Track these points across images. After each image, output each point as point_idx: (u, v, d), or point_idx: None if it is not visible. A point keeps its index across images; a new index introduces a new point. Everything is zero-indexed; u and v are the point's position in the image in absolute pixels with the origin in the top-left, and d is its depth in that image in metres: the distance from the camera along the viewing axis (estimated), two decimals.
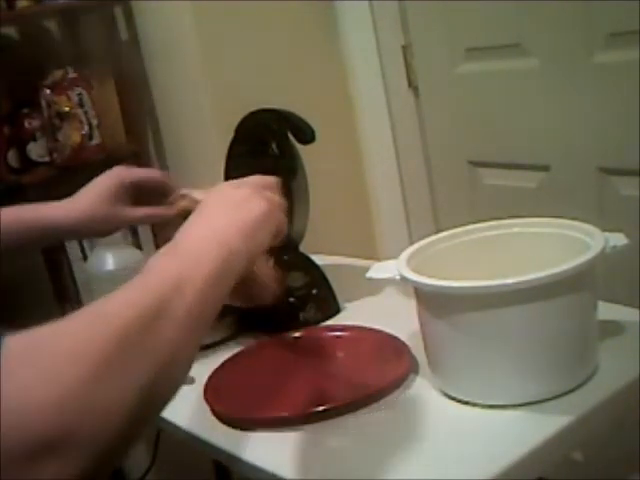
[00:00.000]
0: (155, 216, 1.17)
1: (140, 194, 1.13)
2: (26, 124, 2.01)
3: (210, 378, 1.05)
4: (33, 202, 1.98)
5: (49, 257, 2.02)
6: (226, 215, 0.75)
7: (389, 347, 1.06)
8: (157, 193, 1.13)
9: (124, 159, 2.21)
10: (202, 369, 1.09)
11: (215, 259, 0.66)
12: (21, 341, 0.49)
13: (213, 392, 1.02)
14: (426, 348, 0.99)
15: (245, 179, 0.85)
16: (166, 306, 0.59)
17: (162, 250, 0.67)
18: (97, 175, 1.12)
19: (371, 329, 1.12)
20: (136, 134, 2.19)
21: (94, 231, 1.13)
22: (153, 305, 0.58)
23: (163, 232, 1.12)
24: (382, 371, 1.01)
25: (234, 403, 1.00)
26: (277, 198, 0.82)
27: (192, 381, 1.08)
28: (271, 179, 0.86)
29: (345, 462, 0.87)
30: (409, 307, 0.98)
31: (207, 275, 0.64)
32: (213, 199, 0.80)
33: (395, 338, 1.08)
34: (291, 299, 1.25)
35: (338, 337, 1.14)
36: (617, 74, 1.45)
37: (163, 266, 0.65)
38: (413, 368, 1.02)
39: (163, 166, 2.30)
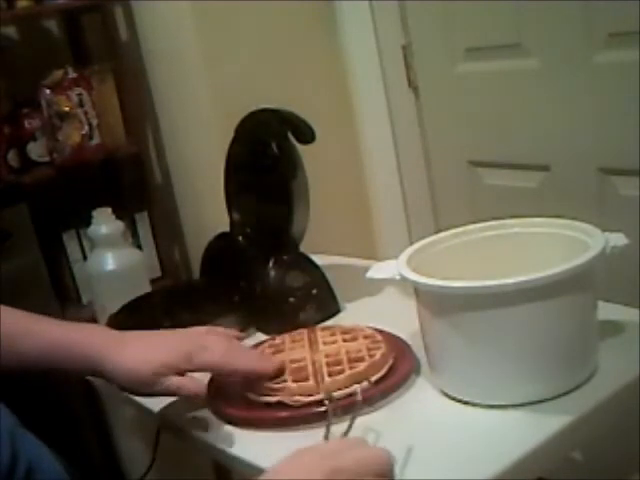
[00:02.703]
0: None
1: None
2: (26, 124, 2.01)
3: (212, 378, 1.06)
4: (33, 203, 1.97)
5: (49, 257, 2.02)
6: None
7: (391, 347, 1.06)
8: None
9: (124, 159, 2.21)
10: None
11: None
12: None
13: (215, 391, 1.02)
14: (426, 348, 0.99)
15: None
16: None
17: None
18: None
19: (374, 329, 1.12)
20: (136, 134, 2.19)
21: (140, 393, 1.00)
22: None
23: None
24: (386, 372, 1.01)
25: (235, 402, 1.00)
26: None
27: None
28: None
29: None
30: (409, 307, 0.98)
31: None
32: None
33: (397, 338, 1.08)
34: (291, 299, 1.25)
35: None
36: (617, 74, 1.45)
37: None
38: (415, 368, 1.02)
39: (163, 166, 2.31)
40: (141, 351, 0.95)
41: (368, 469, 0.66)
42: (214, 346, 0.98)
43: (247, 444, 0.95)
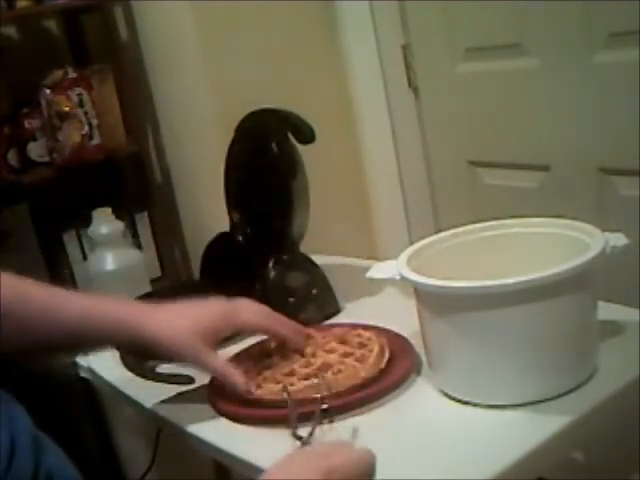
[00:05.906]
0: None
1: None
2: (26, 124, 2.02)
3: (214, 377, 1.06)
4: (33, 203, 1.97)
5: (49, 257, 2.02)
6: None
7: (394, 345, 1.06)
8: None
9: (124, 159, 2.21)
10: None
11: None
12: None
13: (217, 389, 1.03)
14: (426, 348, 0.99)
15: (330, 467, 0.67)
16: None
17: None
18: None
19: (380, 328, 1.12)
20: (136, 134, 2.19)
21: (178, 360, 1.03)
22: None
23: None
24: (386, 369, 1.01)
25: (237, 400, 1.00)
26: None
27: (192, 381, 1.08)
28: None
29: None
30: (409, 307, 0.98)
31: None
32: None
33: (398, 336, 1.08)
34: (291, 299, 1.25)
35: None
36: (617, 74, 1.45)
37: None
38: (415, 367, 1.02)
39: (163, 166, 2.31)
40: (178, 315, 0.97)
41: (354, 469, 0.68)
42: (248, 308, 1.02)
43: (247, 443, 0.95)
